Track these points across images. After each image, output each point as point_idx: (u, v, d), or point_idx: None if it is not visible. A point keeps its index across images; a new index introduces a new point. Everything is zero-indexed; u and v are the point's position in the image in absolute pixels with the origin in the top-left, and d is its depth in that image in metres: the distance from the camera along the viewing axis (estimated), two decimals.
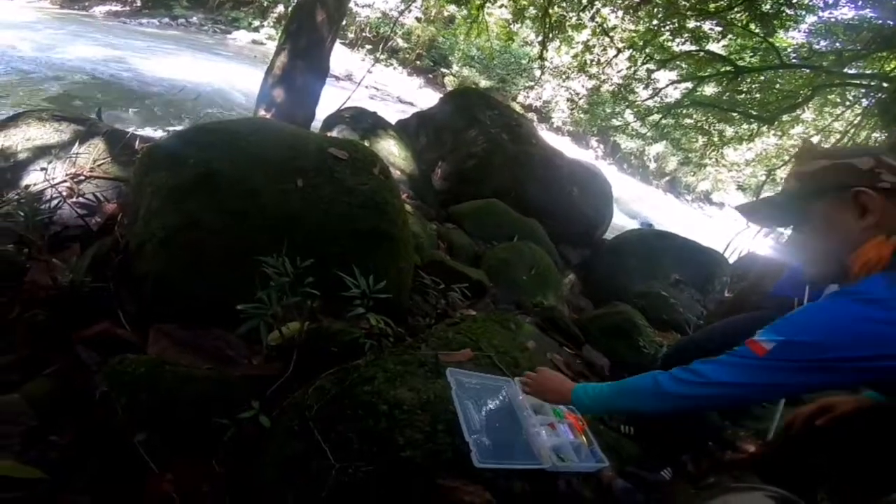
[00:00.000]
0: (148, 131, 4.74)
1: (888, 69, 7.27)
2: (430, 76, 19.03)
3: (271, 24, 17.15)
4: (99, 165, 2.69)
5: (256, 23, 17.16)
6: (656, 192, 20.01)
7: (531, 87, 18.06)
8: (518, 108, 15.83)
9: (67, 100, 6.78)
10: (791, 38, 9.48)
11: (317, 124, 4.97)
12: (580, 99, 15.43)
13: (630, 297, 3.66)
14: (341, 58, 14.80)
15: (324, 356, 1.60)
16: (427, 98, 15.08)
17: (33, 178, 2.59)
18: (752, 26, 8.12)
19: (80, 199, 2.40)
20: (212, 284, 1.78)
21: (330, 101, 5.49)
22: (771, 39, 8.19)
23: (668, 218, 14.31)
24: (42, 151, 2.76)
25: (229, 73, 10.89)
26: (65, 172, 2.58)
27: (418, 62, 19.07)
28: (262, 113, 4.48)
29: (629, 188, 17.14)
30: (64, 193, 2.38)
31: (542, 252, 3.68)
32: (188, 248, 1.85)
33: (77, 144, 2.78)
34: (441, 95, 6.31)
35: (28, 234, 1.90)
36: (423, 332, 1.92)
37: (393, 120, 5.63)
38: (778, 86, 9.22)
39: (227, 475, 1.26)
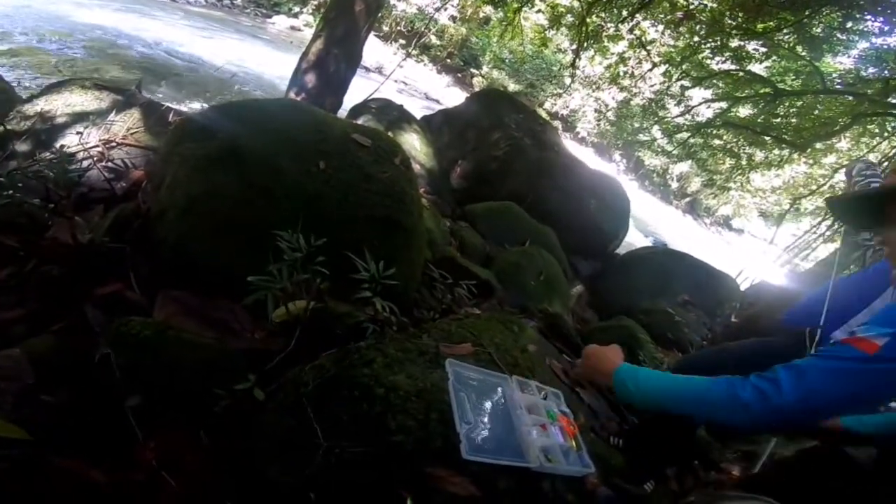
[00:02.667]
0: (183, 106, 4.85)
1: None
2: (459, 75, 19.03)
3: (310, 11, 17.36)
4: (132, 134, 2.77)
5: (297, 9, 17.39)
6: (675, 213, 19.72)
7: (559, 95, 17.92)
8: (544, 114, 15.75)
9: (110, 70, 6.97)
10: (839, 63, 9.17)
11: (343, 112, 5.03)
12: (608, 111, 15.30)
13: (636, 313, 3.63)
14: (374, 49, 14.92)
15: (326, 336, 1.62)
16: (454, 96, 15.10)
17: (68, 141, 2.67)
18: (800, 49, 7.92)
19: (110, 164, 2.47)
20: (227, 255, 1.82)
21: (358, 90, 5.54)
22: (817, 63, 7.98)
23: (684, 239, 14.09)
24: (80, 117, 2.86)
25: (265, 56, 11.07)
26: (98, 138, 2.66)
27: (449, 60, 19.08)
28: (292, 96, 4.55)
29: (648, 206, 16.92)
30: (95, 157, 2.45)
31: (553, 260, 3.67)
32: (208, 218, 1.89)
33: (114, 113, 2.87)
34: (468, 95, 6.31)
35: (55, 191, 1.96)
36: (427, 325, 1.94)
37: (418, 115, 5.66)
38: (817, 112, 8.95)
39: (214, 446, 1.27)
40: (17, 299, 1.51)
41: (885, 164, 7.52)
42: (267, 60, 10.62)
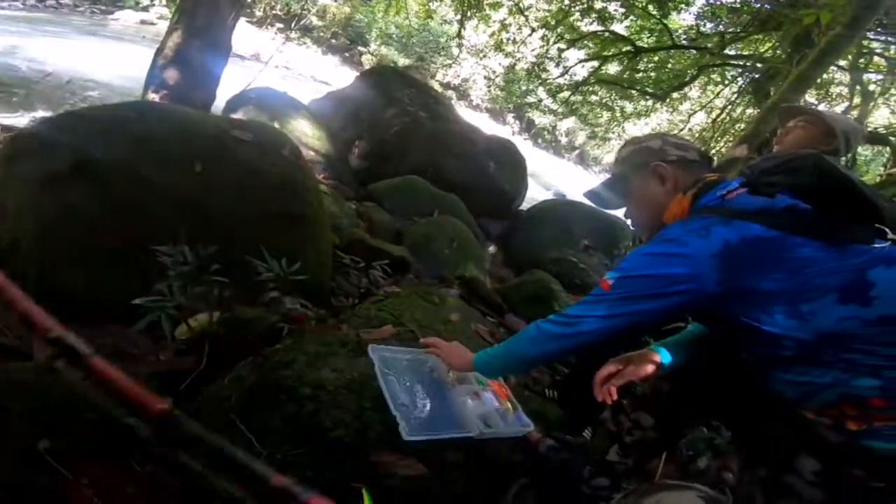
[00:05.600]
0: (10, 121, 4.10)
1: (762, 50, 8.13)
2: (347, 55, 18.26)
3: (162, 2, 15.46)
4: None
5: (146, 1, 15.38)
6: (567, 165, 20.95)
7: (450, 66, 18.02)
8: (437, 86, 15.76)
9: None
10: (682, 19, 10.27)
11: (219, 106, 4.60)
12: (497, 77, 15.73)
13: (546, 265, 3.85)
14: (248, 36, 13.73)
15: (239, 345, 1.53)
16: (344, 77, 14.47)
17: None
18: (651, 8, 8.70)
19: None
20: (102, 280, 1.62)
21: (235, 81, 5.08)
22: (666, 21, 8.83)
23: (579, 188, 15.13)
24: None
25: (111, 55, 9.53)
26: None
27: (334, 41, 18.21)
28: (151, 96, 4.05)
29: (543, 161, 17.72)
30: None
31: (463, 225, 3.75)
32: (70, 243, 1.66)
33: None
34: (357, 74, 6.11)
35: None
36: (347, 313, 1.90)
37: (308, 100, 5.37)
38: (670, 65, 10.02)
39: (150, 474, 1.19)
40: None
41: (729, 107, 8.58)
42: (113, 60, 9.14)
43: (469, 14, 10.09)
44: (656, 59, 9.94)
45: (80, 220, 1.67)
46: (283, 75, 13.42)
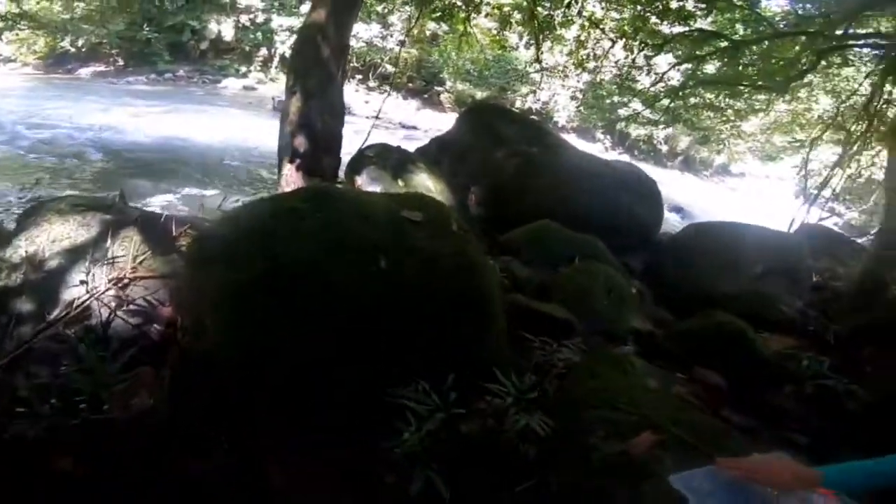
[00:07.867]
0: (175, 203, 4.49)
1: (884, 28, 7.08)
2: (426, 96, 18.88)
3: (258, 68, 17.26)
4: (140, 263, 2.42)
5: (243, 69, 17.25)
6: (672, 174, 19.60)
7: (533, 92, 17.86)
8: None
9: (74, 176, 6.42)
10: (776, 5, 9.45)
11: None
12: (584, 95, 15.30)
13: (717, 300, 3.32)
14: None
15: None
16: (428, 118, 14.94)
17: (73, 292, 2.31)
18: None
19: (132, 307, 2.15)
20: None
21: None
22: (757, 10, 8.07)
23: (693, 198, 13.96)
24: (73, 254, 2.41)
25: (231, 122, 10.62)
26: (106, 278, 2.32)
27: (410, 84, 18.98)
28: (287, 167, 4.23)
29: (649, 174, 16.74)
30: (112, 304, 2.14)
31: (613, 270, 3.40)
32: (276, 365, 1.61)
33: (109, 239, 2.49)
34: (441, 114, 6.13)
35: (91, 362, 1.64)
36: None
37: (411, 148, 5.39)
38: (776, 55, 9.03)
39: None
40: None
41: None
42: (235, 126, 10.14)
43: (542, 37, 9.87)
44: (760, 50, 9.01)
45: (268, 331, 1.62)
46: (374, 125, 14.08)
